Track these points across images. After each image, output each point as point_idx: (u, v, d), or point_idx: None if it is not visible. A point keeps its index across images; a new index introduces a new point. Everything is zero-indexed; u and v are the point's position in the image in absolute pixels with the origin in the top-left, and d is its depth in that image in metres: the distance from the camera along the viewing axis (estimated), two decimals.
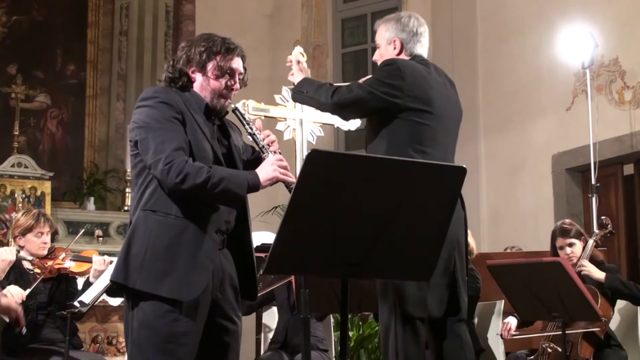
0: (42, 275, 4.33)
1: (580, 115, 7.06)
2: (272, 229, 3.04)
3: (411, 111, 3.24)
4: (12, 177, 8.09)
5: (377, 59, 3.55)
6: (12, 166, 8.12)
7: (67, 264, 4.50)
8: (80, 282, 4.61)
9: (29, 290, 4.27)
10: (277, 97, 4.93)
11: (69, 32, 9.30)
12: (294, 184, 2.30)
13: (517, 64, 7.89)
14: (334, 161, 2.25)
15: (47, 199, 8.12)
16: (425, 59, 3.49)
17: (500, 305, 4.86)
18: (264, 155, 2.91)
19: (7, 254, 4.21)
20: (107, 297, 5.81)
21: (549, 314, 3.92)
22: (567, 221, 4.65)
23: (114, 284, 2.77)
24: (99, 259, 4.47)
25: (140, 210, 2.77)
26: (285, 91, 4.90)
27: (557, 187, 7.45)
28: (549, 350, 4.27)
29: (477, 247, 5.37)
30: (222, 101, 2.92)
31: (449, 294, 3.27)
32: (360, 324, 7.01)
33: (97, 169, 9.09)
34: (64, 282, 4.53)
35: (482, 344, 4.69)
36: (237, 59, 2.93)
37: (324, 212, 2.24)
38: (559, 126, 7.44)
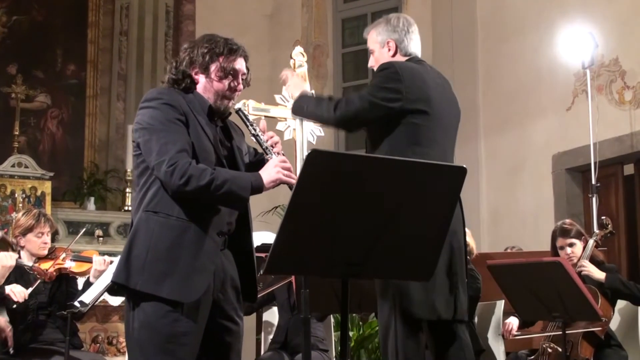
0: (44, 275, 4.33)
1: (580, 115, 7.05)
2: (273, 229, 3.04)
3: (411, 112, 3.23)
4: (13, 177, 8.09)
5: (372, 65, 3.52)
6: (13, 166, 8.11)
7: (68, 264, 4.50)
8: (80, 282, 4.61)
9: (31, 289, 4.27)
10: (278, 97, 4.92)
11: (69, 32, 9.30)
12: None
13: (517, 64, 7.88)
14: (334, 161, 2.25)
15: (48, 199, 8.11)
16: (421, 59, 3.47)
17: (500, 305, 4.85)
18: (268, 156, 2.90)
19: (7, 259, 4.20)
20: (108, 297, 5.81)
21: (549, 314, 3.92)
22: (567, 221, 4.65)
23: (115, 284, 2.77)
24: (99, 259, 4.47)
25: (142, 211, 2.77)
26: (285, 91, 4.89)
27: (558, 187, 7.45)
28: (549, 350, 4.27)
29: (477, 247, 5.37)
30: (226, 102, 2.92)
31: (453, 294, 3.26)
32: (360, 324, 7.01)
33: (98, 169, 9.09)
34: (64, 282, 4.53)
35: (482, 344, 4.69)
36: (240, 60, 2.92)
37: (324, 212, 2.24)
38: (559, 126, 7.44)
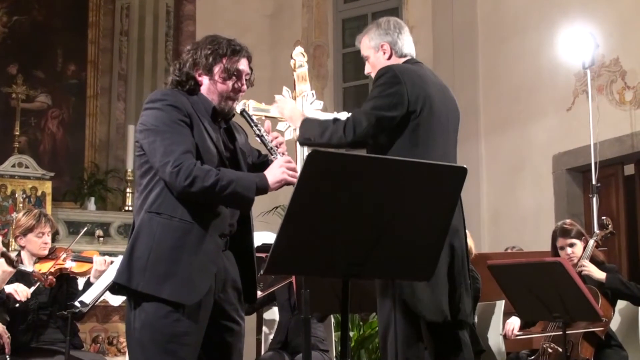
0: (44, 281, 4.31)
1: (580, 115, 7.05)
2: (273, 229, 3.04)
3: (413, 113, 3.23)
4: (13, 177, 8.08)
5: (369, 72, 3.50)
6: (13, 166, 8.10)
7: (68, 265, 4.51)
8: (81, 282, 4.61)
9: (33, 288, 4.27)
10: (278, 97, 4.92)
11: (69, 32, 9.29)
12: None
13: (517, 64, 7.88)
14: (335, 161, 2.24)
15: (48, 199, 8.10)
16: (418, 60, 3.47)
17: (500, 305, 4.85)
18: (273, 157, 2.89)
19: (7, 266, 4.17)
20: (108, 298, 5.82)
21: (549, 314, 3.92)
22: (567, 221, 4.65)
23: (117, 285, 2.77)
24: (100, 259, 4.48)
25: (144, 212, 2.77)
26: (285, 91, 4.89)
27: (558, 187, 7.44)
28: (550, 350, 4.27)
29: (478, 247, 5.38)
30: (230, 103, 2.92)
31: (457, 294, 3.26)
32: (361, 324, 7.01)
33: (98, 169, 9.08)
34: (64, 282, 4.54)
35: (482, 344, 4.69)
36: (244, 60, 2.91)
37: (324, 213, 2.24)
38: (559, 126, 7.44)
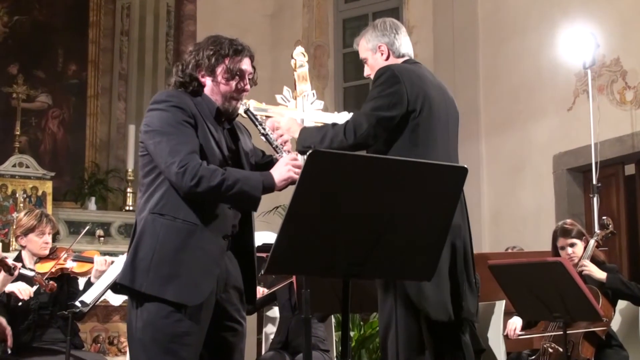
0: (45, 286, 4.30)
1: (581, 115, 7.05)
2: (274, 229, 3.04)
3: (413, 112, 3.23)
4: (14, 177, 8.08)
5: (368, 74, 3.50)
6: (14, 166, 8.10)
7: (69, 265, 4.51)
8: (81, 282, 4.61)
9: (35, 287, 4.27)
10: (278, 97, 4.92)
11: (70, 32, 9.29)
12: None
13: (518, 64, 7.88)
14: (335, 161, 2.24)
15: (49, 198, 8.11)
16: (416, 61, 3.48)
17: (500, 305, 4.85)
18: (278, 155, 2.89)
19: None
20: (109, 297, 5.82)
21: (550, 314, 3.92)
22: (568, 221, 4.65)
23: (120, 286, 2.78)
24: (101, 259, 4.48)
25: (148, 213, 2.77)
26: (286, 91, 4.89)
27: (558, 187, 7.44)
28: (550, 350, 4.27)
29: (478, 247, 5.38)
30: (234, 103, 2.91)
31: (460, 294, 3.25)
32: (361, 324, 7.01)
33: (99, 169, 9.09)
34: (65, 282, 4.54)
35: (483, 344, 4.68)
36: (246, 60, 2.91)
37: (325, 212, 2.24)
38: (560, 126, 7.43)
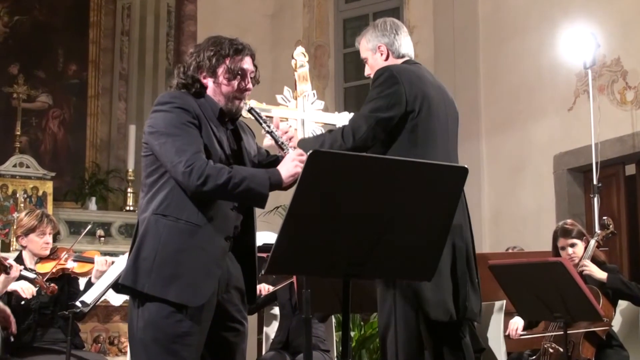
0: (46, 289, 4.30)
1: (582, 115, 7.05)
2: (274, 229, 3.04)
3: (412, 112, 3.23)
4: (14, 177, 8.08)
5: (369, 73, 3.50)
6: (14, 166, 8.10)
7: (70, 265, 4.51)
8: (82, 282, 4.62)
9: (37, 287, 4.27)
10: (279, 97, 4.92)
11: (70, 32, 9.29)
12: None
13: (518, 63, 7.87)
14: (335, 161, 2.24)
15: (49, 199, 8.11)
16: (416, 61, 3.47)
17: (500, 305, 4.85)
18: (285, 152, 2.89)
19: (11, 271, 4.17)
20: (109, 297, 5.82)
21: (550, 314, 3.92)
22: (568, 221, 4.65)
23: (122, 286, 2.78)
24: (101, 259, 4.48)
25: (151, 213, 2.76)
26: (286, 91, 4.89)
27: (559, 188, 7.44)
28: (551, 350, 4.27)
29: (479, 247, 5.37)
30: (237, 103, 2.91)
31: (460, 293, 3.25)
32: (362, 324, 7.01)
33: (99, 169, 9.09)
34: (66, 282, 4.54)
35: (483, 344, 4.68)
36: (247, 59, 2.90)
37: (325, 212, 2.24)
38: (560, 126, 7.43)
